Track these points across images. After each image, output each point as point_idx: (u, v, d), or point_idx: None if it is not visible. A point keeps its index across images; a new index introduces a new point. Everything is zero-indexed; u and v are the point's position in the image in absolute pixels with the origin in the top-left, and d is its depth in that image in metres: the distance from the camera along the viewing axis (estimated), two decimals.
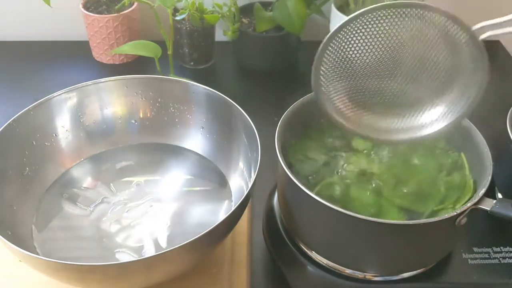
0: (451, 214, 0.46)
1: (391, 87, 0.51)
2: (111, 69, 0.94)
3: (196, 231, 0.46)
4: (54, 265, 0.45)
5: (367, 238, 0.48)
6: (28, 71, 0.93)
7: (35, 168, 0.60)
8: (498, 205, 0.47)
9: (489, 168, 0.49)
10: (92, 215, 0.59)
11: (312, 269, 0.53)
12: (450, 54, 0.49)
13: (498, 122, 0.57)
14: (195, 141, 0.67)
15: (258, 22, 0.88)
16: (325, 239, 0.52)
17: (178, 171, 0.65)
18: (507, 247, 0.57)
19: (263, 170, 0.53)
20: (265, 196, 0.63)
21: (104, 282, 0.48)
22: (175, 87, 0.66)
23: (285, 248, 0.56)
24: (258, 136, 0.56)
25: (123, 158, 0.66)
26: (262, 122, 0.59)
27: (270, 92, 0.87)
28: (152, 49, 0.79)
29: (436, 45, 0.48)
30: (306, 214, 0.51)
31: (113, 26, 0.90)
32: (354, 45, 0.49)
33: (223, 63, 0.96)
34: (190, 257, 0.50)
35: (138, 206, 0.60)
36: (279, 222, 0.58)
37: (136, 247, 0.56)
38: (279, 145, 0.52)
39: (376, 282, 0.52)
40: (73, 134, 0.64)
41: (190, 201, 0.61)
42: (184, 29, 0.88)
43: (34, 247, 0.55)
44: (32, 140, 0.61)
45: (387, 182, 0.53)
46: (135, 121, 0.67)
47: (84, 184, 0.63)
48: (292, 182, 0.49)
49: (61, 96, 0.62)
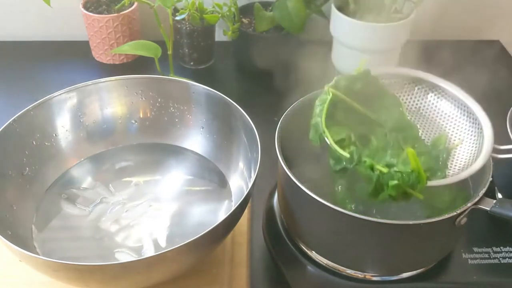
0: (451, 214, 0.46)
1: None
2: (111, 69, 0.94)
3: (196, 231, 0.46)
4: (54, 265, 0.45)
5: (367, 238, 0.48)
6: (28, 71, 0.93)
7: (35, 168, 0.60)
8: (498, 205, 0.47)
9: (489, 168, 0.49)
10: (91, 215, 0.59)
11: (312, 269, 0.53)
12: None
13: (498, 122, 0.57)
14: (195, 141, 0.67)
15: (258, 22, 0.88)
16: (325, 239, 0.52)
17: (178, 171, 0.65)
18: (507, 247, 0.57)
19: (263, 170, 0.53)
20: (265, 196, 0.63)
21: (104, 282, 0.48)
22: (175, 87, 0.66)
23: (285, 248, 0.56)
24: (258, 136, 0.56)
25: (123, 158, 0.66)
26: (262, 122, 0.59)
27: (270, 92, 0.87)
28: (152, 49, 0.79)
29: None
30: (306, 214, 0.51)
31: (113, 26, 0.90)
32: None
33: (223, 63, 0.96)
34: (190, 257, 0.50)
35: (137, 206, 0.60)
36: (279, 222, 0.58)
37: (136, 247, 0.56)
38: (279, 145, 0.52)
39: (376, 282, 0.52)
40: (73, 134, 0.64)
41: (190, 201, 0.61)
42: (184, 29, 0.88)
43: (34, 247, 0.55)
44: (32, 140, 0.61)
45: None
46: (135, 121, 0.67)
47: (84, 184, 0.63)
48: (292, 182, 0.49)
49: (61, 96, 0.62)
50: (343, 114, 0.52)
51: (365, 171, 0.48)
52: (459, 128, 0.54)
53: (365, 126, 0.53)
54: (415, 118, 0.55)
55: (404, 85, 0.56)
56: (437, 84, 0.55)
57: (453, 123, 0.54)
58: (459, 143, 0.52)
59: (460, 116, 0.54)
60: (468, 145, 0.52)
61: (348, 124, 0.52)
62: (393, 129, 0.53)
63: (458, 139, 0.53)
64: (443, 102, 0.55)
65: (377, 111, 0.54)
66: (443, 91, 0.55)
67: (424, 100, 0.56)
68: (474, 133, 0.52)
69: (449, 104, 0.55)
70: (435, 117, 0.55)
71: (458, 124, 0.54)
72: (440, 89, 0.55)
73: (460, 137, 0.53)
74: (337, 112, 0.52)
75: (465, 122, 0.53)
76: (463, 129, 0.53)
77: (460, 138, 0.53)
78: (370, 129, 0.53)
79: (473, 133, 0.52)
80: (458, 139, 0.53)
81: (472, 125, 0.53)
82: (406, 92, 0.56)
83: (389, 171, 0.47)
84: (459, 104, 0.54)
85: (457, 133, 0.54)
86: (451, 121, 0.54)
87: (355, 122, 0.52)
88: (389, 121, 0.53)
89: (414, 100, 0.56)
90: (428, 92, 0.55)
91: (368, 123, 0.53)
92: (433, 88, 0.55)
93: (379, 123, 0.53)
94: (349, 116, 0.52)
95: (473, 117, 0.53)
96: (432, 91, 0.55)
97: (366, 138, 0.52)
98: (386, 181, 0.47)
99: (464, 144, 0.52)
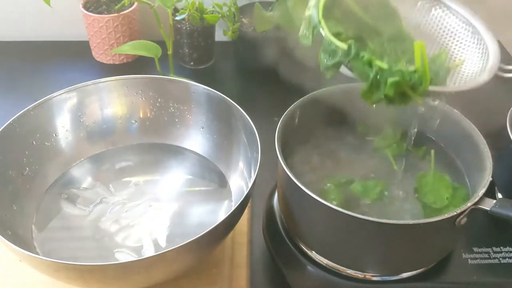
0: (451, 214, 0.46)
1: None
2: (111, 69, 0.94)
3: (196, 231, 0.46)
4: (54, 265, 0.45)
5: (367, 238, 0.48)
6: (28, 71, 0.93)
7: (35, 168, 0.60)
8: (498, 205, 0.47)
9: (489, 168, 0.49)
10: (91, 215, 0.59)
11: (312, 269, 0.53)
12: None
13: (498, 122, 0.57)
14: (195, 141, 0.67)
15: (258, 22, 0.87)
16: (325, 239, 0.52)
17: (178, 171, 0.65)
18: (507, 247, 0.57)
19: (263, 170, 0.53)
20: (265, 196, 0.63)
21: (104, 282, 0.48)
22: (175, 87, 0.66)
23: (285, 248, 0.56)
24: (258, 136, 0.56)
25: (123, 158, 0.66)
26: (262, 122, 0.59)
27: (270, 92, 0.87)
28: (152, 49, 0.79)
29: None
30: (306, 214, 0.51)
31: (113, 26, 0.90)
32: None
33: (223, 63, 0.96)
34: (190, 257, 0.50)
35: (137, 206, 0.60)
36: (279, 222, 0.58)
37: (136, 247, 0.56)
38: (279, 145, 0.52)
39: (376, 282, 0.52)
40: (73, 134, 0.64)
41: (190, 201, 0.61)
42: (184, 29, 0.88)
43: (34, 247, 0.55)
44: (32, 140, 0.61)
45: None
46: (135, 121, 0.67)
47: (84, 184, 0.63)
48: (292, 182, 0.48)
49: (61, 96, 0.62)
50: (340, 14, 0.48)
51: (362, 67, 0.43)
52: (463, 47, 0.51)
53: (363, 31, 0.48)
54: (414, 34, 0.51)
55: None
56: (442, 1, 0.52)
57: (456, 41, 0.51)
58: (461, 62, 0.50)
59: (464, 33, 0.51)
60: (471, 65, 0.49)
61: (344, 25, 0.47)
62: (391, 39, 0.49)
63: (460, 58, 0.50)
64: (447, 19, 0.52)
65: (377, 19, 0.50)
66: (448, 8, 0.52)
67: (426, 17, 0.52)
68: (478, 53, 0.49)
69: (452, 22, 0.51)
70: (437, 35, 0.52)
71: (462, 42, 0.51)
72: (445, 6, 0.52)
73: (463, 55, 0.50)
74: (335, 10, 0.47)
75: (469, 40, 0.50)
76: (467, 48, 0.50)
77: (463, 58, 0.50)
78: (368, 35, 0.48)
79: (477, 52, 0.49)
80: (460, 59, 0.50)
81: (476, 45, 0.50)
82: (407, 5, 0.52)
83: (390, 68, 0.43)
84: (464, 22, 0.51)
85: (459, 51, 0.51)
86: (454, 39, 0.51)
87: (352, 25, 0.48)
88: (388, 30, 0.49)
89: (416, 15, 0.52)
90: (431, 8, 0.52)
91: (366, 29, 0.49)
92: (437, 5, 0.52)
93: (377, 31, 0.49)
94: (347, 17, 0.48)
95: (478, 36, 0.50)
96: (436, 8, 0.52)
97: (363, 42, 0.47)
98: (385, 79, 0.43)
99: (468, 64, 0.50)
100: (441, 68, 0.47)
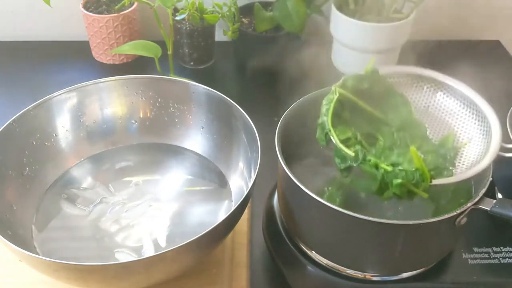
0: (451, 214, 0.46)
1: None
2: (111, 69, 0.94)
3: (196, 231, 0.46)
4: (54, 265, 0.45)
5: (367, 238, 0.48)
6: (28, 71, 0.93)
7: (35, 168, 0.60)
8: (498, 205, 0.47)
9: (489, 168, 0.49)
10: (91, 215, 0.59)
11: (312, 269, 0.53)
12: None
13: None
14: (195, 141, 0.67)
15: (258, 22, 0.88)
16: (325, 239, 0.52)
17: (178, 171, 0.65)
18: (507, 247, 0.57)
19: (263, 170, 0.53)
20: (265, 196, 0.63)
21: (104, 282, 0.48)
22: (175, 87, 0.66)
23: (285, 248, 0.56)
24: (258, 136, 0.56)
25: (123, 158, 0.66)
26: (262, 122, 0.59)
27: (270, 92, 0.87)
28: (152, 49, 0.79)
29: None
30: (306, 214, 0.51)
31: (113, 26, 0.90)
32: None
33: (223, 63, 0.96)
34: (190, 257, 0.50)
35: (137, 206, 0.60)
36: (279, 222, 0.58)
37: (136, 247, 0.56)
38: (279, 145, 0.52)
39: (376, 282, 0.52)
40: (73, 134, 0.64)
41: (190, 201, 0.61)
42: (184, 29, 0.88)
43: (34, 247, 0.55)
44: (32, 140, 0.61)
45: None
46: (135, 121, 0.67)
47: (84, 184, 0.63)
48: (292, 182, 0.48)
49: (61, 96, 0.62)
50: (349, 113, 0.52)
51: (370, 169, 0.48)
52: (467, 127, 0.53)
53: (372, 126, 0.53)
54: (423, 117, 0.55)
55: (413, 84, 0.55)
56: (446, 83, 0.54)
57: (461, 122, 0.54)
58: (467, 142, 0.52)
59: (468, 115, 0.53)
60: (476, 144, 0.52)
61: (354, 124, 0.52)
62: (400, 128, 0.53)
63: (467, 138, 0.52)
64: (452, 100, 0.54)
65: (385, 111, 0.53)
66: (452, 90, 0.54)
67: (433, 99, 0.55)
68: (482, 132, 0.52)
69: (457, 103, 0.54)
70: (443, 116, 0.55)
71: (466, 123, 0.53)
72: (449, 87, 0.54)
73: (468, 136, 0.53)
74: (344, 111, 0.52)
75: (473, 121, 0.53)
76: (471, 128, 0.53)
77: (468, 137, 0.52)
78: (377, 128, 0.53)
79: (481, 131, 0.52)
80: (467, 138, 0.52)
81: (480, 123, 0.52)
82: (414, 91, 0.55)
83: (393, 170, 0.47)
84: (468, 102, 0.53)
85: (465, 131, 0.53)
86: (459, 120, 0.54)
87: (362, 122, 0.52)
88: (396, 120, 0.53)
89: (423, 99, 0.55)
90: (437, 90, 0.55)
91: (375, 122, 0.53)
92: (442, 87, 0.55)
93: (386, 122, 0.53)
94: (356, 115, 0.52)
95: (482, 115, 0.52)
96: (441, 90, 0.55)
97: (373, 137, 0.52)
98: (391, 180, 0.47)
99: (472, 143, 0.52)
100: (448, 152, 0.52)
